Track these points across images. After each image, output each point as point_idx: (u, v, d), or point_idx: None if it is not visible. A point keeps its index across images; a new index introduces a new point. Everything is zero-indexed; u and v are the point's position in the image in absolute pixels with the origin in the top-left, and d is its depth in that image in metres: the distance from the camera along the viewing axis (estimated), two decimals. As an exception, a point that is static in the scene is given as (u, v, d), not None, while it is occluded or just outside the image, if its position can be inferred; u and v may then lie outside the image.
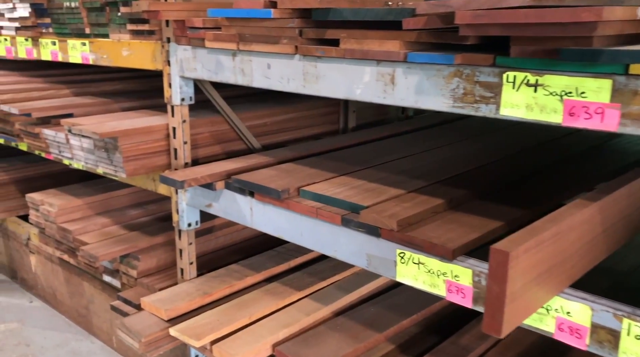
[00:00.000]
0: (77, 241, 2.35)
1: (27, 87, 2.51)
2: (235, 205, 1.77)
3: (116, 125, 1.93)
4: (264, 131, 2.30)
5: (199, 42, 1.74)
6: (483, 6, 1.00)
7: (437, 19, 1.12)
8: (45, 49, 2.39)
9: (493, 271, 0.95)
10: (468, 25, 1.04)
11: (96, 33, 2.14)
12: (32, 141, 2.29)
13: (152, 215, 2.61)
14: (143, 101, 2.52)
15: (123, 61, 2.04)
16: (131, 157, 1.90)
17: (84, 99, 2.44)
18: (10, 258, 3.10)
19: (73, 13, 2.18)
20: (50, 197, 2.55)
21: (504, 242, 0.97)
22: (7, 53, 2.65)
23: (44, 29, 2.37)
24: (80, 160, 2.07)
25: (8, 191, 3.23)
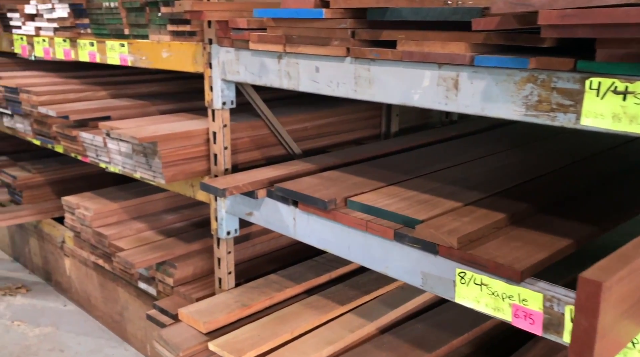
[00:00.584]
0: (112, 246, 2.30)
1: (64, 88, 2.48)
2: (277, 214, 1.69)
3: (155, 130, 1.87)
4: (304, 136, 2.22)
5: (242, 43, 1.66)
6: (571, 5, 0.89)
7: (513, 19, 1.02)
8: (83, 50, 2.35)
9: (582, 303, 0.84)
10: (552, 26, 0.94)
11: (135, 34, 2.09)
12: (69, 144, 2.25)
13: (188, 220, 2.54)
14: (180, 104, 2.46)
15: (162, 63, 1.98)
16: (170, 163, 1.84)
17: (121, 101, 2.39)
18: (45, 260, 3.08)
19: (112, 13, 2.13)
20: (86, 200, 2.51)
21: (594, 271, 0.86)
22: (45, 54, 2.62)
23: (82, 30, 2.33)
24: (118, 164, 2.01)
25: (44, 193, 3.22)
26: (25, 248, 3.27)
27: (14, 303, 2.90)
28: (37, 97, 2.35)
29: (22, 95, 2.44)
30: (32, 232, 3.15)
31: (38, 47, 2.65)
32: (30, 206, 3.10)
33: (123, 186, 2.75)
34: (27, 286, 3.08)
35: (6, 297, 2.96)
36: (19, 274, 3.24)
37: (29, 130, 2.53)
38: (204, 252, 2.22)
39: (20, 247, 3.33)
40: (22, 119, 2.56)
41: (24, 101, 2.44)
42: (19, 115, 2.57)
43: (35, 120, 2.49)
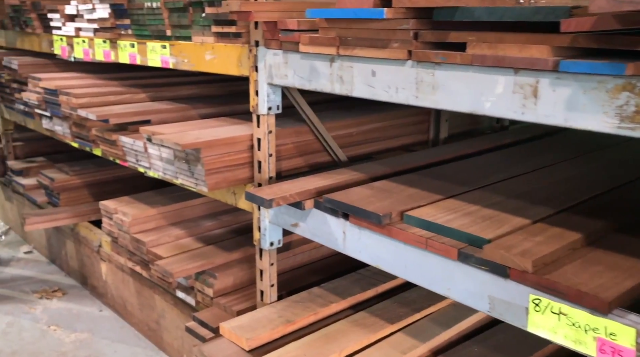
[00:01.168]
0: (150, 253, 2.24)
1: (103, 91, 2.43)
2: (325, 227, 1.59)
3: (198, 136, 1.79)
4: (349, 142, 2.12)
5: (291, 46, 1.57)
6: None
7: (613, 19, 0.90)
8: (124, 52, 2.30)
9: None
10: (665, 26, 0.81)
11: (177, 35, 2.01)
12: (108, 148, 2.19)
13: (227, 227, 2.47)
14: (221, 107, 2.38)
15: (205, 66, 1.91)
16: (213, 170, 1.76)
17: (161, 105, 2.32)
18: (81, 263, 3.05)
19: (154, 14, 2.06)
20: (124, 205, 2.46)
21: None
22: (84, 55, 2.58)
23: (122, 31, 2.28)
24: (159, 170, 1.94)
25: (80, 195, 3.19)
26: (61, 251, 3.25)
27: (50, 307, 2.87)
28: (77, 99, 2.31)
29: (62, 98, 2.40)
30: (68, 235, 3.13)
31: (77, 48, 2.61)
32: (67, 208, 3.07)
33: (161, 190, 2.69)
34: (63, 289, 3.05)
35: (42, 300, 2.94)
36: (55, 276, 3.22)
37: (68, 133, 2.50)
38: (245, 262, 2.14)
39: (56, 249, 3.32)
40: (61, 122, 2.53)
41: (63, 103, 2.40)
42: (58, 117, 2.53)
43: (74, 123, 2.44)
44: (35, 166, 3.66)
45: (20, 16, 2.98)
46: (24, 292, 3.02)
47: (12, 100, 3.18)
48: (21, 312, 2.82)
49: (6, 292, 3.02)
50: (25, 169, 3.61)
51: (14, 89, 3.10)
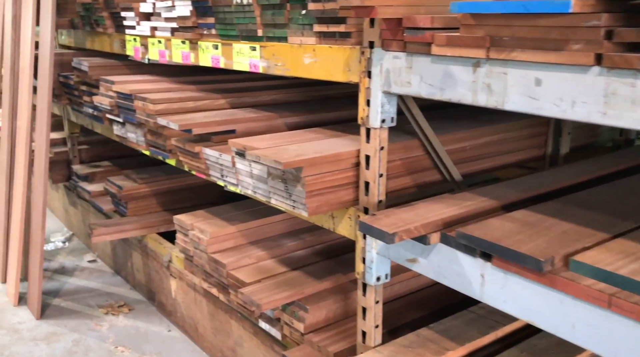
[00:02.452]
0: (231, 277, 2.02)
1: (181, 96, 2.23)
2: (455, 267, 1.31)
3: (298, 152, 1.55)
4: (461, 158, 1.83)
5: (419, 47, 1.30)
6: None
7: None
8: (205, 54, 2.09)
9: None
10: None
11: (270, 35, 1.78)
12: (189, 160, 1.98)
13: (310, 247, 2.23)
14: (307, 116, 2.14)
15: (304, 70, 1.66)
16: (315, 192, 1.51)
17: (245, 113, 2.10)
18: (149, 278, 2.88)
19: (243, 12, 1.83)
20: (200, 221, 2.25)
21: None
22: (160, 57, 2.39)
23: (205, 31, 2.07)
24: (248, 188, 1.71)
25: (148, 204, 3.02)
26: (127, 262, 3.10)
27: (116, 324, 2.70)
28: (154, 105, 2.11)
29: (137, 103, 2.22)
30: (135, 246, 2.96)
31: (152, 49, 2.42)
32: (135, 218, 2.91)
33: (236, 204, 2.47)
34: (129, 305, 2.89)
35: (109, 316, 2.78)
36: (120, 289, 3.07)
37: (142, 141, 2.31)
38: (338, 292, 1.89)
39: (122, 260, 3.16)
40: (135, 128, 2.34)
41: (139, 109, 2.21)
42: (132, 123, 2.35)
43: (149, 131, 2.25)
44: (101, 171, 3.54)
45: (91, 15, 2.83)
46: (90, 307, 2.87)
47: (80, 103, 3.05)
48: (87, 329, 2.66)
49: (72, 305, 2.88)
50: (91, 174, 3.48)
51: (82, 92, 2.96)
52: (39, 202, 2.71)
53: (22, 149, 2.82)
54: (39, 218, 2.71)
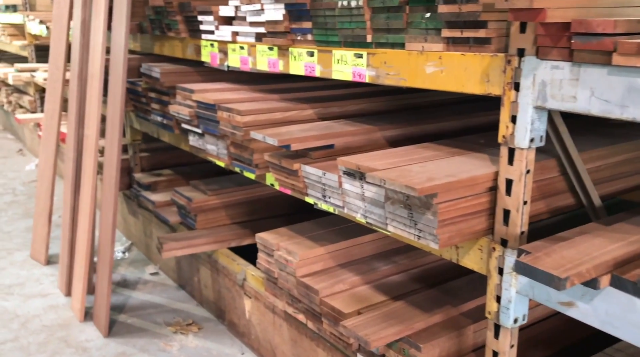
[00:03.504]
0: (325, 305, 1.84)
1: (267, 106, 2.07)
2: (633, 316, 1.11)
3: (427, 175, 1.36)
4: (595, 179, 1.62)
5: (594, 56, 1.10)
6: None
7: None
8: (297, 61, 1.92)
9: None
10: None
11: (382, 42, 1.60)
12: (284, 178, 1.82)
13: (405, 271, 2.04)
14: (406, 128, 1.96)
15: (424, 80, 1.48)
16: (447, 221, 1.32)
17: (341, 125, 1.93)
18: (219, 295, 2.73)
19: (350, 15, 1.66)
20: (286, 240, 2.08)
21: None
22: (241, 64, 2.24)
23: (299, 36, 1.90)
24: (357, 211, 1.54)
25: (218, 217, 2.88)
26: (193, 277, 2.96)
27: (187, 345, 2.57)
28: (242, 117, 1.96)
29: (221, 114, 2.07)
30: (204, 260, 2.83)
31: (233, 55, 2.27)
32: (205, 232, 2.77)
33: (318, 221, 2.30)
34: (198, 323, 2.75)
35: (178, 335, 2.64)
36: (186, 305, 2.93)
37: (224, 154, 2.16)
38: (449, 328, 1.69)
39: (187, 274, 3.03)
40: (216, 141, 2.20)
41: (223, 121, 2.06)
42: (212, 135, 2.20)
43: (233, 143, 2.10)
44: (163, 180, 3.42)
45: (162, 19, 2.70)
46: (157, 324, 2.74)
47: (147, 111, 2.93)
48: (157, 349, 2.53)
49: (138, 322, 2.76)
50: (153, 183, 3.37)
51: (150, 99, 2.84)
52: (108, 213, 2.59)
53: (89, 158, 2.71)
54: (108, 230, 2.59)
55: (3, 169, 5.49)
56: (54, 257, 3.44)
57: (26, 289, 3.08)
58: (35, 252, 3.43)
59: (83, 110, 2.85)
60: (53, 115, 3.27)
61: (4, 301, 2.95)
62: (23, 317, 2.79)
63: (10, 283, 3.15)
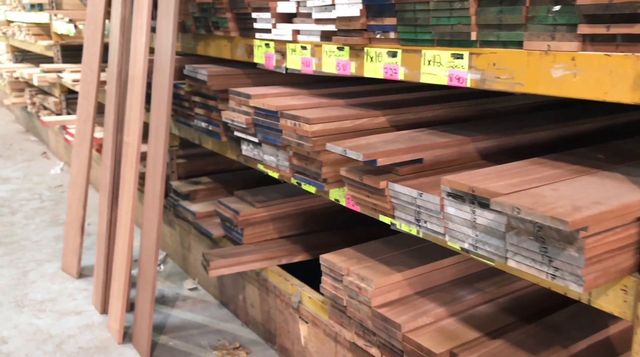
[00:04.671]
0: (408, 342, 1.61)
1: (337, 114, 1.84)
2: None
3: (566, 200, 1.12)
4: None
5: None
6: None
7: None
8: (374, 63, 1.69)
9: None
10: None
11: (490, 40, 1.36)
12: (365, 196, 1.59)
13: (492, 300, 1.80)
14: (499, 139, 1.72)
15: (550, 86, 1.24)
16: (594, 258, 1.08)
17: (428, 136, 1.69)
18: (268, 317, 2.52)
19: (450, 9, 1.42)
20: (356, 264, 1.85)
21: None
22: (303, 66, 2.02)
23: (378, 34, 1.67)
24: (463, 240, 1.30)
25: (265, 231, 2.67)
26: (238, 294, 2.75)
27: (236, 372, 2.35)
28: (310, 126, 1.74)
29: (284, 122, 1.84)
30: (251, 278, 2.61)
31: (293, 56, 2.05)
32: (253, 248, 2.55)
33: (386, 240, 2.07)
34: (245, 347, 2.53)
35: (225, 360, 2.43)
36: (230, 325, 2.72)
37: (285, 166, 1.94)
38: (563, 374, 1.46)
39: (231, 291, 2.82)
40: (275, 151, 1.98)
41: (287, 130, 1.84)
42: (272, 145, 1.98)
43: (296, 155, 1.88)
44: (202, 189, 3.22)
45: (209, 16, 2.48)
46: (201, 347, 2.53)
47: (189, 115, 2.72)
48: (204, 377, 2.32)
49: (181, 344, 2.55)
50: (192, 192, 3.17)
51: (194, 103, 2.63)
52: (151, 227, 2.39)
53: (130, 167, 2.50)
54: (151, 246, 2.38)
55: (28, 172, 5.33)
56: (87, 270, 3.25)
57: (59, 305, 2.89)
58: (66, 264, 3.25)
59: (121, 115, 2.65)
60: (86, 119, 3.08)
61: (37, 319, 2.76)
62: (57, 337, 2.60)
63: (42, 299, 2.96)
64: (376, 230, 2.72)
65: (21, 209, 4.32)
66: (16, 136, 6.92)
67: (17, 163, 5.67)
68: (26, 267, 3.32)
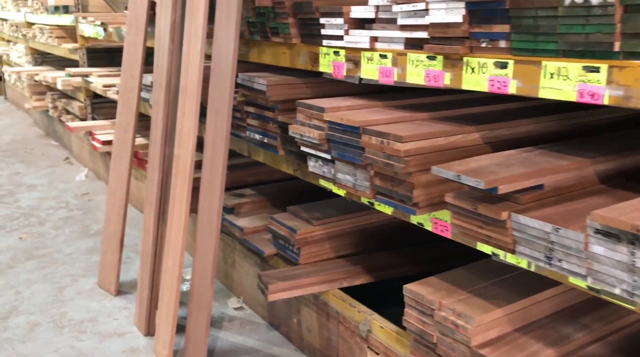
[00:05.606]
0: (520, 390, 1.44)
1: (428, 130, 1.66)
2: None
3: None
4: None
5: None
6: None
7: None
8: (476, 75, 1.51)
9: None
10: None
11: (635, 51, 1.18)
12: (476, 227, 1.41)
13: (603, 339, 1.62)
14: (616, 161, 1.54)
15: None
16: None
17: (543, 157, 1.50)
18: (328, 344, 2.34)
19: (587, 15, 1.24)
20: (447, 297, 1.68)
21: None
22: (381, 76, 1.84)
23: (484, 42, 1.49)
24: (615, 285, 1.12)
25: (323, 250, 2.50)
26: (292, 317, 2.57)
27: (298, 405, 2.18)
28: (402, 144, 1.56)
29: (369, 139, 1.67)
30: (307, 300, 2.44)
31: (369, 66, 1.88)
32: (311, 269, 2.38)
33: (471, 267, 1.89)
34: (304, 376, 2.36)
35: (284, 391, 2.26)
36: (284, 350, 2.55)
37: (364, 187, 1.76)
38: None
39: (283, 313, 2.64)
40: (353, 170, 1.80)
41: (372, 147, 1.67)
42: (349, 163, 1.81)
43: (379, 174, 1.71)
44: (247, 202, 3.05)
45: (266, 21, 2.31)
46: (256, 375, 2.36)
47: (240, 126, 2.55)
48: (264, 411, 2.15)
49: (234, 372, 2.39)
50: (237, 206, 3.00)
51: (247, 114, 2.46)
52: (207, 247, 2.22)
53: (182, 182, 2.34)
54: (207, 268, 2.22)
55: (52, 179, 5.19)
56: (124, 286, 3.10)
57: (100, 325, 2.73)
58: (103, 280, 3.09)
59: (170, 126, 2.48)
60: (127, 129, 2.92)
61: (78, 341, 2.60)
62: (102, 363, 2.44)
63: (82, 318, 2.80)
64: (436, 247, 2.56)
65: (49, 219, 4.18)
66: (36, 141, 6.78)
67: (40, 169, 5.53)
68: (61, 283, 3.17)
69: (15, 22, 7.34)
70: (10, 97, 9.25)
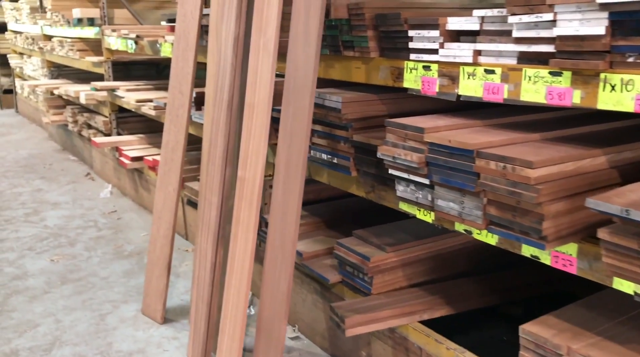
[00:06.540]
0: None
1: (556, 155, 1.49)
2: None
3: None
4: None
5: None
6: None
7: None
8: (617, 93, 1.35)
9: None
10: None
11: None
12: (631, 266, 1.24)
13: None
14: None
15: None
16: None
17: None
18: (407, 381, 2.16)
19: None
20: (573, 340, 1.50)
21: None
22: (486, 93, 1.68)
23: (631, 57, 1.33)
24: None
25: (395, 279, 2.33)
26: (360, 350, 2.39)
27: None
28: (533, 171, 1.39)
29: (486, 164, 1.50)
30: (379, 333, 2.26)
31: (470, 81, 1.72)
32: (386, 300, 2.21)
33: (587, 303, 1.72)
34: (381, 416, 2.18)
35: None
36: (353, 385, 2.37)
37: (475, 216, 1.59)
38: None
39: (349, 345, 2.46)
40: (459, 196, 1.63)
41: (489, 173, 1.50)
42: (454, 189, 1.64)
43: (493, 202, 1.54)
44: (302, 224, 2.87)
45: (339, 34, 2.16)
46: (329, 416, 2.18)
47: (303, 145, 2.39)
48: None
49: (304, 413, 2.20)
50: (291, 229, 2.82)
51: (313, 131, 2.30)
52: (280, 279, 2.05)
53: (248, 206, 2.17)
54: (281, 301, 2.05)
55: (76, 196, 5.02)
56: (169, 313, 2.92)
57: (150, 358, 2.56)
58: (148, 307, 2.91)
59: (232, 146, 2.32)
60: (175, 147, 2.76)
61: (129, 377, 2.42)
62: (159, 402, 2.26)
63: (129, 350, 2.62)
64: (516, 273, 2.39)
65: (79, 239, 4.00)
66: (54, 155, 6.61)
67: (62, 186, 5.36)
68: (102, 310, 2.99)
69: (31, 34, 7.21)
70: (21, 110, 9.10)
